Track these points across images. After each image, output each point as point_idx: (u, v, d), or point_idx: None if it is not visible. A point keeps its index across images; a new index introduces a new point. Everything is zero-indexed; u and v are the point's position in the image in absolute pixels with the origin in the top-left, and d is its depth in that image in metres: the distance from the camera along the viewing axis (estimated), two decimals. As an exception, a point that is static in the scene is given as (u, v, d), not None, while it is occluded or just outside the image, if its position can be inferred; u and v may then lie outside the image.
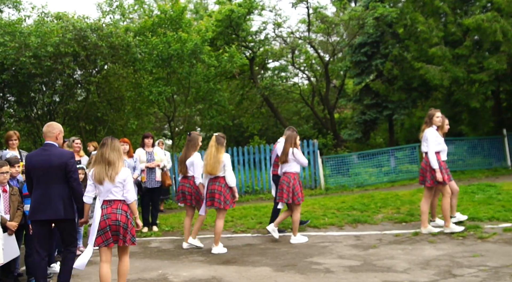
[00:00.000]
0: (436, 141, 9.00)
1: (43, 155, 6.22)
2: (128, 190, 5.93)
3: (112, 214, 5.82)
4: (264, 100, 22.68)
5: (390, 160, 17.50)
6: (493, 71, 15.49)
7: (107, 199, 5.90)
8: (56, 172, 6.15)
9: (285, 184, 9.32)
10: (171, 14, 16.56)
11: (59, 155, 6.24)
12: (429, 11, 17.48)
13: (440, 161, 9.05)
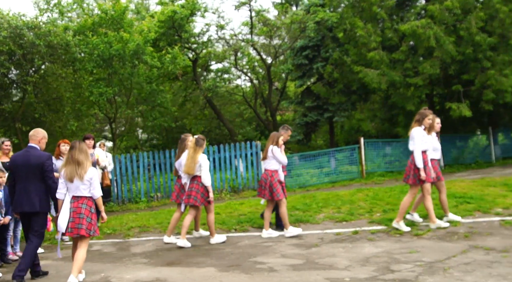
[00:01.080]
0: (422, 140, 9.08)
1: (25, 156, 7.24)
2: (95, 187, 6.82)
3: (78, 208, 6.71)
4: (207, 102, 22.66)
5: (331, 161, 17.90)
6: (427, 76, 16.16)
7: (75, 195, 6.76)
8: (34, 170, 7.13)
9: (263, 181, 9.61)
10: (112, 14, 16.27)
11: (38, 156, 7.20)
12: (367, 17, 18.03)
13: (426, 160, 9.15)
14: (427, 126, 9.24)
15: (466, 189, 13.56)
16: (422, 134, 9.09)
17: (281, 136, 9.76)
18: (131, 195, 15.67)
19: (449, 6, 15.72)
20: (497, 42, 16.28)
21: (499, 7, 15.68)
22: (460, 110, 15.98)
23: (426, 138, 9.17)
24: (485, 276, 6.69)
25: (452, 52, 15.76)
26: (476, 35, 15.61)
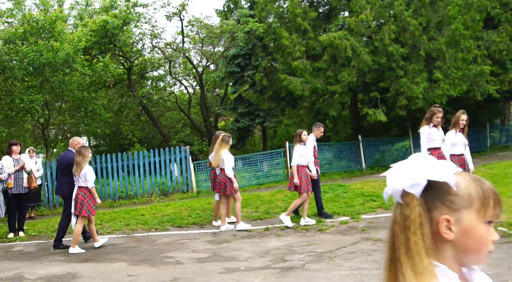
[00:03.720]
0: (428, 138, 9.16)
1: (63, 156, 10.15)
2: (88, 180, 9.33)
3: (78, 194, 9.36)
4: (142, 109, 23.18)
5: (263, 164, 18.76)
6: (346, 83, 17.28)
7: (79, 185, 9.37)
8: (65, 166, 9.77)
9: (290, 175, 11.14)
10: (43, 23, 16.62)
11: (69, 157, 9.76)
12: (293, 28, 19.04)
13: (439, 157, 8.91)
14: (436, 123, 9.22)
15: (376, 188, 14.71)
16: (428, 132, 9.15)
17: (303, 133, 10.75)
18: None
19: (364, 19, 16.92)
20: (409, 53, 17.60)
21: (409, 20, 16.99)
22: (376, 115, 17.17)
23: (434, 136, 9.19)
24: (362, 262, 7.65)
25: (368, 62, 16.94)
26: (389, 46, 16.85)
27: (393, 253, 1.41)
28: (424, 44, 17.32)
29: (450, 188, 1.39)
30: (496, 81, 20.98)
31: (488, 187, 1.42)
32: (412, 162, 1.41)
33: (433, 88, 17.52)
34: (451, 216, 1.37)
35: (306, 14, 18.60)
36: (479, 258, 1.42)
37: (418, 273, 1.34)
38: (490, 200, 1.40)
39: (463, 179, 1.42)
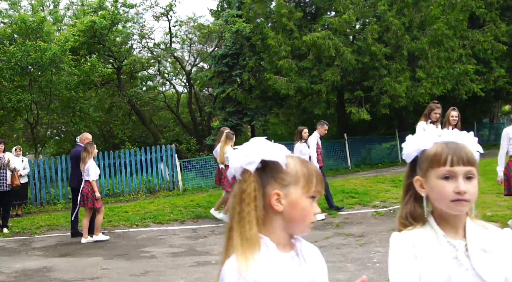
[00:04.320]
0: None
1: (74, 151, 11.03)
2: (89, 174, 9.92)
3: (84, 188, 9.98)
4: (132, 108, 23.42)
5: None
6: (330, 82, 17.54)
7: (85, 179, 9.99)
8: (75, 160, 10.58)
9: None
10: (30, 24, 16.84)
11: (78, 151, 10.48)
12: (279, 27, 19.30)
13: None
14: (434, 119, 9.05)
15: (357, 186, 14.96)
16: (423, 128, 8.87)
17: (303, 131, 10.94)
18: (50, 197, 16.27)
19: (347, 19, 17.17)
20: (392, 52, 17.88)
21: (392, 20, 17.26)
22: (359, 114, 17.44)
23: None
24: (329, 255, 7.88)
25: (351, 61, 17.21)
26: (372, 46, 17.12)
27: (231, 224, 1.66)
28: (406, 43, 17.60)
29: (281, 167, 1.64)
30: (481, 80, 21.26)
31: (312, 168, 1.70)
32: (251, 144, 1.68)
33: (416, 87, 17.79)
34: (281, 191, 1.63)
35: (292, 14, 18.86)
36: (304, 227, 1.68)
37: (245, 240, 1.60)
38: (313, 178, 1.67)
39: (292, 160, 1.69)
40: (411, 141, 1.90)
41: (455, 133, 1.86)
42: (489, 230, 1.80)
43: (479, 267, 1.71)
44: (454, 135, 1.85)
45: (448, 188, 1.71)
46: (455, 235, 1.78)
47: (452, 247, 1.76)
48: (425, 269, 1.74)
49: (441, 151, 1.76)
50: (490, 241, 1.76)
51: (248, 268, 1.55)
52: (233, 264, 1.58)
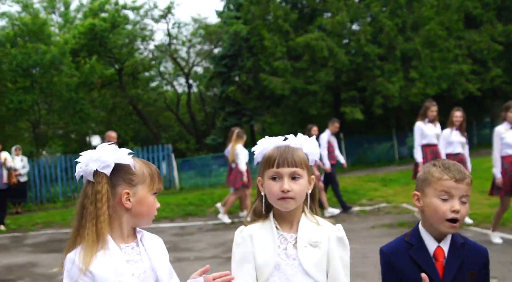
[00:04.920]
0: (421, 134, 8.83)
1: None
2: None
3: None
4: (134, 109, 23.89)
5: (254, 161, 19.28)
6: (324, 83, 17.82)
7: None
8: None
9: None
10: (31, 27, 17.32)
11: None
12: (275, 29, 19.60)
13: (428, 154, 8.81)
14: (431, 118, 8.86)
15: (348, 184, 15.17)
16: (421, 128, 8.83)
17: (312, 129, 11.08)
18: (49, 195, 16.75)
19: (339, 20, 17.43)
20: (386, 53, 18.11)
21: (385, 21, 17.49)
22: (353, 114, 17.70)
23: (427, 131, 8.84)
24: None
25: (344, 62, 17.47)
26: (365, 47, 17.36)
27: (80, 223, 1.96)
28: (399, 44, 17.82)
29: (130, 169, 1.98)
30: (477, 80, 21.40)
31: (155, 168, 2.06)
32: (101, 149, 1.99)
33: (409, 87, 18.01)
34: (130, 190, 1.97)
35: (287, 15, 19.15)
36: (148, 220, 2.07)
37: (96, 236, 1.93)
38: (156, 177, 2.02)
39: (138, 162, 2.04)
40: (258, 144, 2.22)
41: (294, 138, 2.19)
42: (321, 226, 2.13)
43: (303, 258, 2.05)
44: (292, 140, 2.18)
45: (276, 187, 2.05)
46: (289, 229, 2.11)
47: (284, 239, 2.09)
48: (259, 257, 2.08)
49: (271, 154, 2.11)
50: (319, 236, 2.08)
51: (90, 262, 1.87)
52: (74, 257, 1.89)
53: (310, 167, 2.17)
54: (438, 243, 2.14)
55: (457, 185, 2.07)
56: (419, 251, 2.14)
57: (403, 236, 2.26)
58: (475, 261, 2.05)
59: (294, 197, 2.06)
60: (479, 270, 2.10)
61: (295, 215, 2.14)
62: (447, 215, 2.05)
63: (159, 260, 2.06)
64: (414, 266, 2.12)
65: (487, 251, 2.20)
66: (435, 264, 2.10)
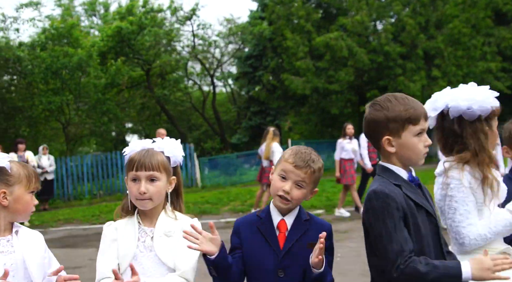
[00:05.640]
0: None
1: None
2: None
3: None
4: (161, 108, 24.47)
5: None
6: (345, 82, 17.85)
7: None
8: None
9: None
10: (61, 30, 18.03)
11: None
12: (297, 29, 19.74)
13: None
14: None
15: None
16: None
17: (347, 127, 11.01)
18: (76, 193, 17.42)
19: (359, 19, 17.42)
20: (408, 51, 17.97)
21: (406, 20, 17.38)
22: (373, 113, 17.59)
23: None
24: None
25: (365, 61, 17.45)
26: (385, 46, 17.30)
27: None
28: (422, 42, 17.67)
29: (7, 170, 2.27)
30: (507, 77, 20.96)
31: (32, 170, 2.40)
32: None
33: (431, 86, 17.84)
34: (7, 189, 2.25)
35: (309, 15, 19.25)
36: (25, 216, 2.41)
37: None
38: (33, 178, 2.30)
39: (15, 164, 2.37)
40: (128, 146, 2.51)
41: (159, 142, 2.45)
42: (178, 220, 2.42)
43: (158, 249, 2.34)
44: (157, 143, 2.44)
45: (134, 188, 2.31)
46: (150, 224, 2.38)
47: (144, 233, 2.35)
48: (121, 249, 2.35)
49: (132, 157, 2.40)
50: (174, 229, 2.33)
51: None
52: None
53: (171, 169, 2.42)
54: (282, 217, 2.38)
55: (294, 170, 2.30)
56: (265, 223, 2.38)
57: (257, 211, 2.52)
58: (317, 234, 2.22)
59: (150, 198, 2.34)
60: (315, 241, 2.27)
61: (155, 212, 2.42)
62: (278, 191, 2.30)
63: (31, 253, 2.33)
64: (259, 235, 2.36)
65: (331, 226, 2.46)
66: (278, 235, 2.35)
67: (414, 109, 2.24)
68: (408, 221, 2.16)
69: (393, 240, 2.10)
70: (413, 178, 2.30)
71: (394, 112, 2.25)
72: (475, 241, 2.39)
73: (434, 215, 2.25)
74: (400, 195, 2.18)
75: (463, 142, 2.54)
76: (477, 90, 2.62)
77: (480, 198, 2.46)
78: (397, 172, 2.28)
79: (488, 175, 2.45)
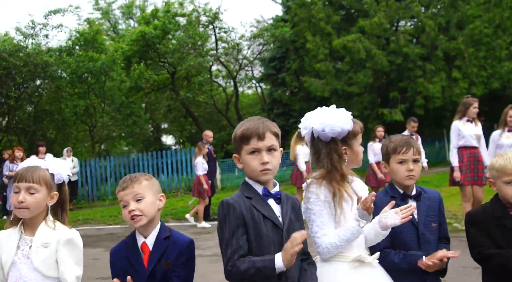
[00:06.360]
0: (458, 134, 7.78)
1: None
2: (197, 169, 11.22)
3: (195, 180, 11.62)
4: (186, 111, 24.93)
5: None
6: (363, 84, 17.82)
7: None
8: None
9: None
10: (86, 36, 18.68)
11: None
12: (318, 31, 19.79)
13: (464, 157, 7.79)
14: (473, 116, 7.82)
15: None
16: (457, 128, 7.79)
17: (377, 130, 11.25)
18: (100, 194, 18.00)
19: (377, 21, 17.34)
20: (428, 53, 17.79)
21: (425, 21, 17.21)
22: (392, 115, 17.55)
23: (466, 132, 7.75)
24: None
25: (383, 63, 17.37)
26: (404, 47, 17.18)
27: None
28: (442, 44, 17.47)
29: None
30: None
31: None
32: None
33: (452, 87, 17.62)
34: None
35: (329, 18, 19.28)
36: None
37: None
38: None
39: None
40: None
41: (48, 160, 2.71)
42: (57, 231, 2.68)
43: (34, 257, 2.62)
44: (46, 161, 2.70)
45: (14, 198, 2.63)
46: (31, 234, 2.67)
47: (24, 242, 2.66)
48: (3, 256, 2.64)
49: (17, 171, 2.70)
50: (50, 238, 2.62)
51: None
52: None
53: (54, 184, 2.73)
54: (144, 239, 2.59)
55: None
56: (132, 247, 2.61)
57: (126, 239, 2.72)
58: (174, 252, 2.47)
59: (28, 207, 2.62)
60: (175, 259, 2.53)
61: (36, 222, 2.69)
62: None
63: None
64: (127, 261, 2.57)
65: (191, 241, 2.66)
66: (143, 257, 2.54)
67: (247, 129, 2.46)
68: (248, 229, 2.38)
69: (228, 244, 2.35)
70: (269, 192, 2.48)
71: (235, 133, 2.52)
72: (327, 249, 2.58)
73: (281, 227, 2.44)
74: (245, 206, 2.40)
75: (320, 159, 2.70)
76: (330, 113, 2.87)
77: (338, 211, 2.63)
78: (253, 185, 2.50)
79: (337, 191, 2.64)
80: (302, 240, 2.22)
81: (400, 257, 2.84)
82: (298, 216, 2.60)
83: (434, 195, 3.07)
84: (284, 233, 2.43)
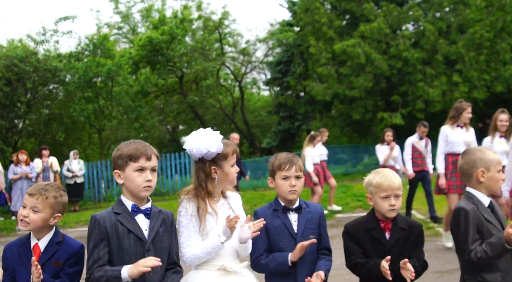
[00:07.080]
0: (446, 140, 7.50)
1: None
2: None
3: None
4: (194, 114, 25.40)
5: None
6: (364, 88, 18.00)
7: None
8: None
9: None
10: (94, 42, 19.28)
11: None
12: (320, 36, 20.03)
13: (450, 164, 7.45)
14: (465, 122, 7.52)
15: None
16: (446, 133, 7.50)
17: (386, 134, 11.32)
18: (106, 195, 18.48)
19: (376, 26, 17.53)
20: (428, 57, 17.91)
21: (426, 26, 17.35)
22: (392, 119, 17.71)
23: (454, 138, 7.46)
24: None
25: (383, 67, 17.55)
26: (403, 52, 17.33)
27: None
28: (442, 48, 17.58)
29: None
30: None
31: None
32: None
33: (452, 92, 17.70)
34: None
35: (332, 22, 19.51)
36: None
37: None
38: None
39: None
40: None
41: None
42: None
43: None
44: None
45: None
46: None
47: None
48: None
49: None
50: None
51: None
52: None
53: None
54: (37, 241, 2.95)
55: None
56: (25, 247, 2.95)
57: None
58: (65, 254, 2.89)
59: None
60: (65, 260, 2.90)
61: None
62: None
63: None
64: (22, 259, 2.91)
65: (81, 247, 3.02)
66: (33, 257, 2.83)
67: (136, 150, 2.82)
68: (111, 242, 2.76)
69: (91, 255, 2.73)
70: (138, 208, 2.88)
71: (121, 151, 2.88)
72: (191, 259, 2.96)
73: (145, 240, 2.80)
74: (111, 221, 2.79)
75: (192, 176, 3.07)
76: (201, 136, 3.10)
77: (208, 224, 3.00)
78: (124, 202, 2.93)
79: (201, 206, 3.00)
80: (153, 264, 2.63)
81: (269, 258, 3.19)
82: (168, 229, 2.93)
83: (316, 209, 3.39)
84: (149, 246, 2.77)
